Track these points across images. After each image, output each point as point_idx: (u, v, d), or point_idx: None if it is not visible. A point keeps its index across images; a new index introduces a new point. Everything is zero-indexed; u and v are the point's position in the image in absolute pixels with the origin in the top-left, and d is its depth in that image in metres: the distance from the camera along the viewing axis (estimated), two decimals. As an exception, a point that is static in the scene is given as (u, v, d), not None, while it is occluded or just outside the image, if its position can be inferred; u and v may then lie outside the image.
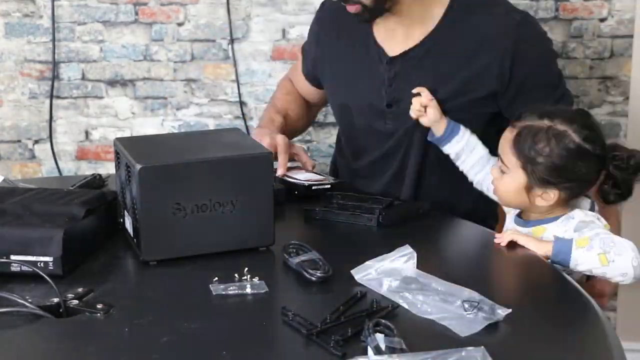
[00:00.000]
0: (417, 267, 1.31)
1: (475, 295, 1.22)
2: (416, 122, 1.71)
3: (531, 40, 1.72)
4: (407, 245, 1.34)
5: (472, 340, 1.12)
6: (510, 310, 1.18)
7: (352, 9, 1.70)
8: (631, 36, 2.44)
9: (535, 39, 1.74)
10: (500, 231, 1.57)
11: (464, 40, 1.71)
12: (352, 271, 1.31)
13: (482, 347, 1.05)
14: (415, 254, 1.32)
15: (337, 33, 1.85)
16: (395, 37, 1.76)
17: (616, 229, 1.68)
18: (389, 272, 1.30)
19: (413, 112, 1.68)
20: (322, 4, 1.94)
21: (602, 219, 1.52)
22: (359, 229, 1.56)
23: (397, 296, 1.24)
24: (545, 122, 1.49)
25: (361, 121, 1.83)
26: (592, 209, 1.58)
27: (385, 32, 1.77)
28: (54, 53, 2.48)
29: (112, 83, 2.52)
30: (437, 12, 1.74)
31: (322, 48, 1.90)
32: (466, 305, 1.19)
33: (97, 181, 1.78)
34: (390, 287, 1.27)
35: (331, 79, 1.89)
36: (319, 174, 1.78)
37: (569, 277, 1.38)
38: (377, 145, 1.83)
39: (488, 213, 1.82)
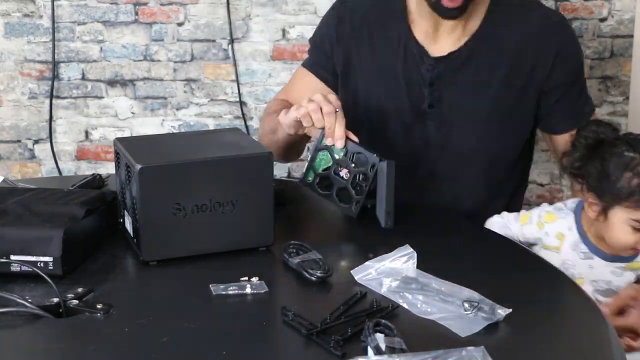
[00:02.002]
0: (417, 267, 1.31)
1: (475, 295, 1.22)
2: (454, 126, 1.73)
3: (571, 43, 1.75)
4: (407, 245, 1.34)
5: (472, 340, 1.12)
6: (510, 310, 1.18)
7: (455, 3, 1.64)
8: (631, 36, 2.44)
9: (574, 42, 1.77)
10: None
11: (505, 42, 1.72)
12: (352, 271, 1.31)
13: (482, 347, 1.05)
14: (415, 254, 1.32)
15: (368, 32, 1.80)
16: (437, 37, 1.74)
17: None
18: (389, 272, 1.30)
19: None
20: (343, 3, 1.86)
21: None
22: (359, 229, 1.56)
23: (397, 296, 1.24)
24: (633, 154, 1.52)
25: (398, 123, 1.78)
26: None
27: (425, 32, 1.75)
28: (53, 53, 2.48)
29: (112, 83, 2.52)
30: (479, 14, 1.73)
31: (346, 48, 1.82)
32: (466, 305, 1.19)
33: (97, 181, 1.78)
34: (390, 287, 1.27)
35: (365, 80, 1.81)
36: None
37: (569, 277, 1.38)
38: (411, 147, 1.78)
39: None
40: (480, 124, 1.74)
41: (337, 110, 1.55)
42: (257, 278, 1.30)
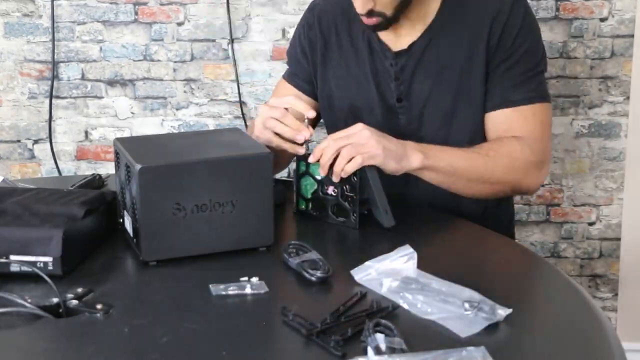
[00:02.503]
0: (418, 267, 1.31)
1: (476, 295, 1.21)
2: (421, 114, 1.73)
3: (521, 23, 1.70)
4: (407, 245, 1.34)
5: (472, 341, 1.11)
6: (510, 310, 1.18)
7: (371, 21, 1.66)
8: (632, 36, 2.44)
9: (525, 22, 1.72)
10: None
11: (462, 25, 1.71)
12: (352, 271, 1.31)
13: (483, 347, 1.05)
14: (415, 254, 1.32)
15: (335, 33, 1.82)
16: (396, 32, 1.74)
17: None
18: (389, 272, 1.30)
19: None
20: (310, 9, 1.88)
21: None
22: (359, 229, 1.55)
23: (397, 296, 1.24)
24: None
25: (372, 120, 1.74)
26: None
27: (389, 30, 1.74)
28: (53, 53, 2.48)
29: (111, 83, 2.52)
30: (435, 5, 1.73)
31: (318, 52, 1.84)
32: (466, 305, 1.19)
33: (96, 181, 1.78)
34: (391, 288, 1.27)
35: (336, 82, 1.83)
36: None
37: (569, 278, 1.38)
38: None
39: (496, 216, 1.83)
40: (449, 113, 1.73)
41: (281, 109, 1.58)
42: (257, 278, 1.30)
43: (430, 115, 1.74)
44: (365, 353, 1.06)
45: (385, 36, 1.76)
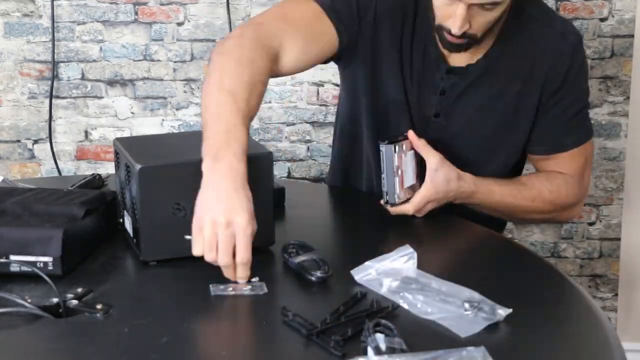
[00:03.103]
0: (418, 267, 1.31)
1: (476, 295, 1.21)
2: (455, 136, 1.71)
3: (579, 67, 1.70)
4: (407, 245, 1.34)
5: (472, 341, 1.11)
6: (510, 310, 1.18)
7: (460, 41, 1.58)
8: (632, 36, 2.44)
9: (583, 65, 1.72)
10: None
11: (520, 58, 1.67)
12: (352, 271, 1.31)
13: (483, 347, 1.05)
14: (415, 254, 1.32)
15: (390, 25, 1.68)
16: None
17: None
18: (389, 272, 1.30)
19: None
20: None
21: None
22: (359, 228, 1.56)
23: (397, 296, 1.24)
24: None
25: (399, 123, 1.71)
26: None
27: None
28: (53, 53, 2.48)
29: (111, 83, 2.52)
30: (495, 30, 1.66)
31: (377, 25, 1.67)
32: (466, 306, 1.19)
33: (96, 181, 1.78)
34: (391, 288, 1.27)
35: (379, 65, 1.71)
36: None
37: (569, 277, 1.38)
38: None
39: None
40: (484, 141, 1.71)
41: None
42: (257, 278, 1.30)
43: (464, 138, 1.70)
44: (365, 353, 1.05)
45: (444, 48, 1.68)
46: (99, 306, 1.20)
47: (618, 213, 2.56)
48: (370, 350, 1.05)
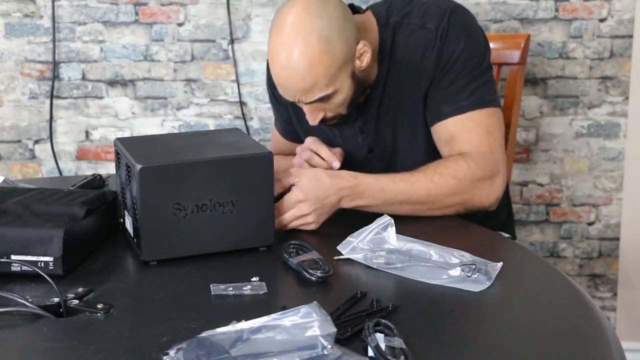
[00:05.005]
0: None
1: (466, 256, 1.34)
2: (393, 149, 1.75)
3: (454, 41, 1.66)
4: (384, 215, 1.42)
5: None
6: (501, 263, 1.32)
7: (330, 123, 1.68)
8: (631, 36, 2.44)
9: (458, 37, 1.66)
10: None
11: (405, 63, 1.68)
12: (339, 247, 1.37)
13: (315, 302, 1.05)
14: (393, 221, 1.39)
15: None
16: None
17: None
18: (372, 242, 1.38)
19: None
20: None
21: None
22: (359, 229, 1.56)
23: (397, 270, 1.32)
24: None
25: (349, 168, 1.70)
26: None
27: None
28: (54, 53, 2.49)
29: (112, 83, 2.53)
30: (376, 67, 1.70)
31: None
32: (466, 269, 1.30)
33: (97, 181, 1.79)
34: (389, 259, 1.34)
35: (304, 132, 1.81)
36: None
37: (569, 277, 1.39)
38: None
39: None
40: (420, 145, 1.73)
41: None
42: (257, 278, 1.30)
43: (405, 155, 1.75)
44: (365, 353, 1.06)
45: None
46: (99, 306, 1.21)
47: (617, 213, 2.56)
48: (370, 350, 1.05)
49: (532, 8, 2.43)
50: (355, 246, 1.39)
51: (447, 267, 1.33)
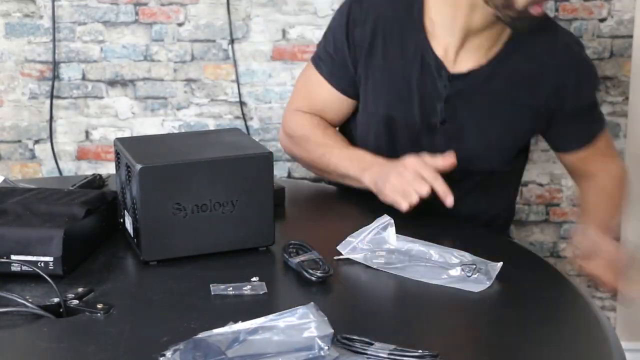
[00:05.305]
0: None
1: (466, 256, 1.34)
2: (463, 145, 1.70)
3: (588, 77, 1.75)
4: (384, 215, 1.41)
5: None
6: (501, 263, 1.30)
7: (540, 10, 1.60)
8: (631, 36, 2.44)
9: (591, 74, 1.77)
10: None
11: (525, 68, 1.69)
12: (339, 247, 1.35)
13: (312, 302, 1.06)
14: (392, 221, 1.38)
15: (382, 37, 1.72)
16: (459, 54, 1.69)
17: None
18: (375, 242, 1.38)
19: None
20: (353, 5, 1.73)
21: None
22: (358, 229, 1.55)
23: (397, 270, 1.32)
24: None
25: (406, 136, 1.72)
26: None
27: (446, 47, 1.69)
28: (54, 53, 2.49)
29: (112, 83, 2.53)
30: (504, 36, 1.69)
31: (363, 52, 1.73)
32: (466, 269, 1.30)
33: (97, 181, 1.78)
34: (389, 259, 1.34)
35: (374, 85, 1.74)
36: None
37: (568, 277, 1.39)
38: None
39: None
40: (492, 145, 1.73)
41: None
42: (257, 278, 1.30)
43: (472, 143, 1.72)
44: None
45: (444, 56, 1.69)
46: (99, 306, 1.21)
47: (617, 213, 2.56)
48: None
49: (532, 8, 2.43)
50: (355, 246, 1.39)
51: (447, 267, 1.33)
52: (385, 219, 1.41)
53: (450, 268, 1.32)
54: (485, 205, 1.80)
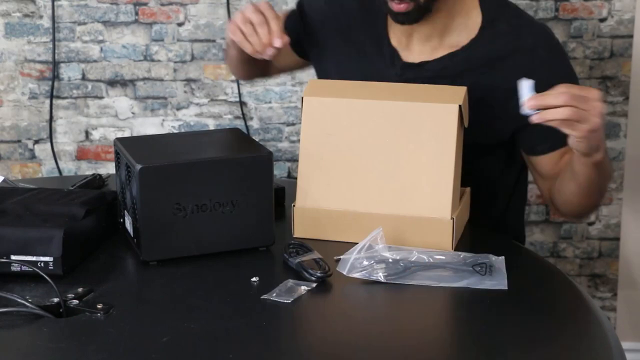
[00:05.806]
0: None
1: (467, 256, 1.35)
2: None
3: (553, 67, 1.64)
4: (378, 228, 1.38)
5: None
6: (503, 257, 1.32)
7: (401, 7, 1.58)
8: (631, 36, 2.44)
9: (563, 72, 1.64)
10: None
11: (486, 66, 1.64)
12: (338, 268, 1.31)
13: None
14: (382, 233, 1.35)
15: (345, 19, 1.75)
16: (409, 44, 1.68)
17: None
18: (370, 256, 1.34)
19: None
20: None
21: None
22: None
23: (398, 279, 1.30)
24: None
25: None
26: None
27: (400, 36, 1.69)
28: (54, 53, 2.49)
29: (112, 83, 2.53)
30: (464, 32, 1.66)
31: (327, 27, 1.77)
32: (478, 269, 1.31)
33: (97, 181, 1.78)
34: (388, 271, 1.31)
35: (337, 68, 1.76)
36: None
37: (569, 277, 1.39)
38: None
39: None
40: None
41: (266, 13, 1.56)
42: (257, 278, 1.30)
43: None
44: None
45: (398, 44, 1.69)
46: (99, 306, 1.21)
47: (617, 213, 2.56)
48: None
49: (532, 8, 2.42)
50: (353, 264, 1.35)
51: (448, 268, 1.32)
52: (376, 231, 1.36)
53: (451, 269, 1.31)
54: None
